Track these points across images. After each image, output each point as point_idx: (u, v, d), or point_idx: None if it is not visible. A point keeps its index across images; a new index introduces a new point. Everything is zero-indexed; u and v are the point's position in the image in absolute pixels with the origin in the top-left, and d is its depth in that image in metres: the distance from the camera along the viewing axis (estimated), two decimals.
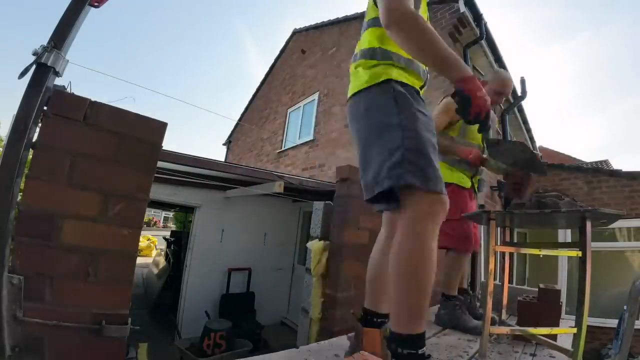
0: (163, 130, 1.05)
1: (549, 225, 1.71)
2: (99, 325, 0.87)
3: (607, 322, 3.91)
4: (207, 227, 3.91)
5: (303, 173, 5.46)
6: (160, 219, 23.66)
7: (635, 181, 4.15)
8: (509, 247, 1.48)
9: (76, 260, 0.87)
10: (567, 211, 1.12)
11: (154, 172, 1.03)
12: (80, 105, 0.91)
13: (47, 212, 0.85)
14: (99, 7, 1.03)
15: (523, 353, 1.36)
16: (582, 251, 1.15)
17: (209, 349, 2.80)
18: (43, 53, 0.84)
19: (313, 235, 1.84)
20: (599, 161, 11.24)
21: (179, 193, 3.65)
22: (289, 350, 1.13)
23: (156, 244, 10.57)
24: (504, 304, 1.55)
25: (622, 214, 1.13)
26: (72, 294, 0.86)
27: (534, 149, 7.65)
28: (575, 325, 1.15)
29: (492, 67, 4.41)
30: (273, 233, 4.58)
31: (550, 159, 9.04)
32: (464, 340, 1.47)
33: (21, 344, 0.78)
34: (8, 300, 0.76)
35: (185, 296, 3.72)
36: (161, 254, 6.95)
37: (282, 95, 7.38)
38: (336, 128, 5.09)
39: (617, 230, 4.44)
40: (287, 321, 4.48)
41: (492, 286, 1.25)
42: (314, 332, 1.66)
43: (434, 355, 1.24)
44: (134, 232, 0.97)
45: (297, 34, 7.63)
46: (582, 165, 8.33)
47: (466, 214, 1.47)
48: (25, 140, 0.80)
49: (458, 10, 3.60)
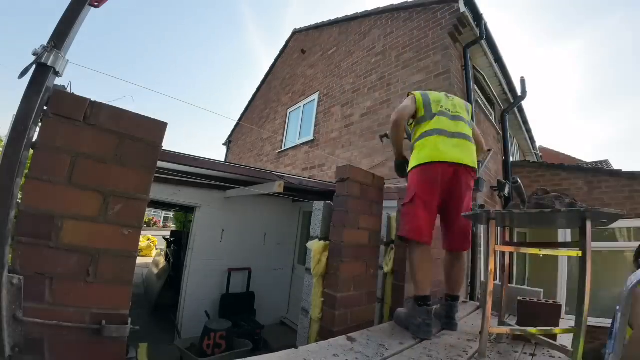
0: (163, 130, 1.05)
1: (549, 225, 1.71)
2: (99, 325, 0.87)
3: (607, 322, 3.88)
4: (207, 227, 3.91)
5: (303, 173, 5.46)
6: (160, 219, 23.68)
7: (635, 181, 4.15)
8: (509, 247, 1.48)
9: (76, 260, 0.87)
10: (567, 211, 1.12)
11: (154, 172, 1.03)
12: (80, 105, 0.91)
13: (47, 212, 0.85)
14: (99, 7, 1.03)
15: (523, 353, 1.36)
16: (583, 251, 1.15)
17: (209, 349, 2.80)
18: (43, 53, 0.84)
19: (313, 235, 1.84)
20: (599, 161, 11.25)
21: (179, 193, 3.65)
22: (288, 351, 1.13)
23: (156, 244, 10.58)
24: (504, 304, 1.55)
25: (623, 214, 1.13)
26: (72, 294, 0.86)
27: (533, 148, 7.65)
28: (575, 325, 1.15)
29: (492, 67, 4.42)
30: (273, 233, 4.59)
31: (550, 159, 9.04)
32: (463, 340, 1.47)
33: (21, 344, 0.78)
34: (8, 300, 0.76)
35: (185, 296, 3.72)
36: (161, 254, 6.96)
37: (282, 95, 7.39)
38: (336, 128, 5.10)
39: (617, 230, 4.44)
40: (287, 321, 4.49)
41: (492, 286, 1.25)
42: (313, 332, 1.66)
43: (433, 355, 1.25)
44: (134, 232, 0.96)
45: (297, 34, 7.64)
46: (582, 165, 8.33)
47: (465, 214, 1.47)
48: (25, 140, 0.80)
49: (458, 10, 3.60)
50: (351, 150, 4.63)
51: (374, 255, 1.88)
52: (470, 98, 3.64)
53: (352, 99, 4.91)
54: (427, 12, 4.06)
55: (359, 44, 5.13)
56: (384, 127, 3.94)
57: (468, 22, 3.65)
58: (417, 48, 4.03)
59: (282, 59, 8.09)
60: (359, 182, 1.79)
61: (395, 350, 1.26)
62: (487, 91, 4.81)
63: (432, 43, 3.84)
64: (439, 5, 3.88)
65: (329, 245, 1.72)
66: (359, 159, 4.40)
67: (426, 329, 1.43)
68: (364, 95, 4.67)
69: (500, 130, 5.09)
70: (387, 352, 1.23)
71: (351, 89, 5.00)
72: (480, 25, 3.76)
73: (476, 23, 3.74)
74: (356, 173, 1.78)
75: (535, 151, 7.92)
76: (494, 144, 4.75)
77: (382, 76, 4.44)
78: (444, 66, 3.60)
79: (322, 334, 1.58)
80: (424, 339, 1.41)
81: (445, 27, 3.74)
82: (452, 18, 3.67)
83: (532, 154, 7.73)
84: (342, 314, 1.60)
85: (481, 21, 3.76)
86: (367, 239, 1.82)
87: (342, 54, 5.51)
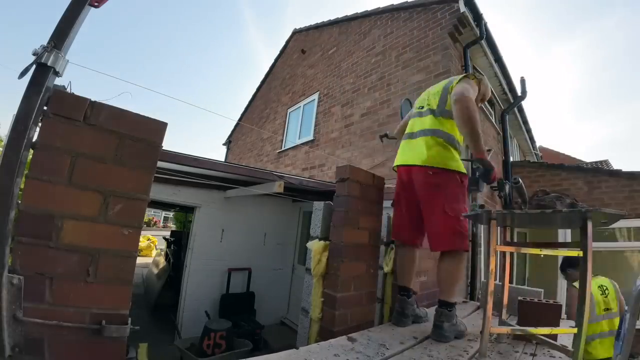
0: (163, 130, 1.05)
1: (550, 225, 1.71)
2: (99, 325, 0.87)
3: None
4: (207, 227, 3.90)
5: (303, 173, 5.46)
6: (160, 219, 23.66)
7: (635, 181, 4.15)
8: (509, 247, 1.48)
9: (76, 260, 0.87)
10: (568, 211, 1.12)
11: (154, 172, 1.03)
12: (80, 105, 0.91)
13: (47, 212, 0.84)
14: (99, 7, 1.02)
15: (523, 353, 1.36)
16: (583, 251, 1.15)
17: (209, 349, 2.79)
18: (43, 53, 0.84)
19: (313, 235, 1.84)
20: (599, 161, 11.25)
21: (179, 193, 3.64)
22: (289, 351, 1.13)
23: (156, 244, 10.57)
24: (505, 304, 1.55)
25: (624, 214, 1.13)
26: (72, 294, 0.86)
27: (533, 149, 7.65)
28: (575, 325, 1.15)
29: (492, 67, 4.42)
30: (273, 233, 4.58)
31: (550, 159, 9.04)
32: (464, 339, 1.47)
33: (21, 344, 0.78)
34: (8, 300, 0.76)
35: (185, 296, 3.71)
36: (161, 254, 6.95)
37: (282, 95, 7.38)
38: (336, 128, 5.09)
39: (617, 230, 4.44)
40: (287, 321, 4.48)
41: (493, 286, 1.25)
42: (313, 332, 1.65)
43: (434, 355, 1.25)
44: (134, 232, 0.96)
45: (297, 33, 7.63)
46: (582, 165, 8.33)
47: (466, 214, 1.47)
48: (25, 140, 0.80)
49: (458, 10, 3.60)
50: (351, 150, 4.63)
51: (374, 255, 1.88)
52: None
53: (352, 99, 4.90)
54: (427, 12, 4.05)
55: (359, 44, 5.12)
56: (384, 127, 3.94)
57: (468, 22, 3.65)
58: (417, 48, 4.03)
59: (282, 59, 8.08)
60: (359, 182, 1.78)
61: (396, 350, 1.26)
62: None
63: (432, 43, 3.84)
64: (439, 5, 3.87)
65: (329, 245, 1.72)
66: (359, 159, 4.40)
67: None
68: (364, 95, 4.67)
69: (500, 130, 5.09)
70: (388, 352, 1.23)
71: (351, 89, 5.00)
72: (480, 25, 3.76)
73: (476, 23, 3.74)
74: (356, 173, 1.78)
75: (535, 151, 7.92)
76: (494, 144, 4.75)
77: (382, 76, 4.44)
78: (444, 66, 3.60)
79: (322, 334, 1.58)
80: (426, 339, 1.42)
81: (445, 27, 3.74)
82: (452, 18, 3.67)
83: (532, 154, 7.73)
84: (342, 314, 1.60)
85: (481, 21, 3.76)
86: (367, 239, 1.82)
87: (342, 54, 5.51)
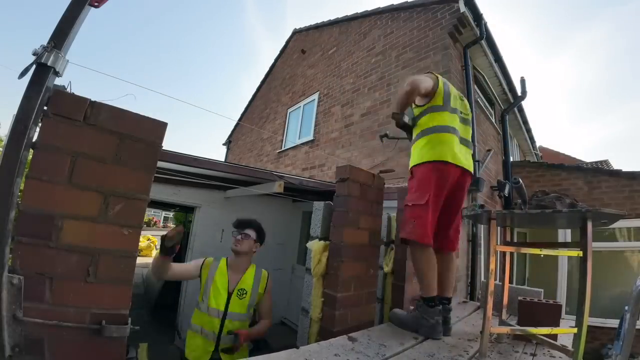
0: (163, 130, 1.04)
1: (550, 225, 1.71)
2: (99, 325, 0.87)
3: (607, 322, 3.91)
4: (207, 227, 3.90)
5: (303, 173, 5.46)
6: (160, 219, 23.67)
7: (635, 181, 4.15)
8: (509, 247, 1.48)
9: (76, 260, 0.87)
10: (569, 211, 1.12)
11: (154, 172, 1.03)
12: (80, 105, 0.91)
13: (47, 212, 0.84)
14: (99, 7, 1.02)
15: (523, 353, 1.36)
16: (583, 251, 1.15)
17: None
18: (43, 53, 0.84)
19: (313, 235, 1.84)
20: (599, 161, 11.25)
21: (179, 193, 3.65)
22: (289, 351, 1.13)
23: (156, 244, 10.57)
24: (505, 304, 1.55)
25: (624, 214, 1.13)
26: (72, 294, 0.86)
27: (533, 148, 7.65)
28: (575, 325, 1.15)
29: (492, 67, 4.42)
30: (273, 233, 4.57)
31: (550, 159, 9.04)
32: (464, 339, 1.47)
33: (21, 344, 0.78)
34: (8, 300, 0.76)
35: (185, 296, 3.71)
36: None
37: (282, 95, 7.38)
38: (336, 128, 5.09)
39: (617, 230, 4.44)
40: (287, 321, 4.48)
41: (493, 286, 1.25)
42: (313, 332, 1.65)
43: (434, 355, 1.25)
44: (134, 232, 0.96)
45: (297, 34, 7.63)
46: (582, 165, 8.33)
47: (466, 214, 1.47)
48: (25, 140, 0.80)
49: (458, 10, 3.60)
50: (351, 150, 4.63)
51: (374, 255, 1.88)
52: (470, 98, 3.64)
53: (352, 99, 4.90)
54: (427, 12, 4.06)
55: (359, 44, 5.12)
56: (384, 127, 3.94)
57: (468, 22, 3.65)
58: (417, 48, 4.03)
59: (282, 58, 8.08)
60: (359, 182, 1.78)
61: (396, 350, 1.26)
62: (487, 91, 4.81)
63: (432, 43, 3.84)
64: (439, 5, 3.88)
65: (329, 245, 1.72)
66: (359, 159, 4.40)
67: (440, 328, 1.46)
68: (364, 95, 4.67)
69: (500, 130, 5.09)
70: (388, 352, 1.23)
71: (351, 89, 5.00)
72: (480, 25, 3.76)
73: (476, 23, 3.74)
74: (356, 173, 1.78)
75: (535, 151, 7.93)
76: (494, 144, 4.75)
77: (382, 76, 4.44)
78: (444, 66, 3.60)
79: (322, 334, 1.58)
80: (426, 339, 1.42)
81: (445, 27, 3.74)
82: (452, 18, 3.67)
83: (532, 154, 7.73)
84: (342, 314, 1.60)
85: (481, 21, 3.76)
86: (367, 239, 1.81)
87: (342, 54, 5.51)
